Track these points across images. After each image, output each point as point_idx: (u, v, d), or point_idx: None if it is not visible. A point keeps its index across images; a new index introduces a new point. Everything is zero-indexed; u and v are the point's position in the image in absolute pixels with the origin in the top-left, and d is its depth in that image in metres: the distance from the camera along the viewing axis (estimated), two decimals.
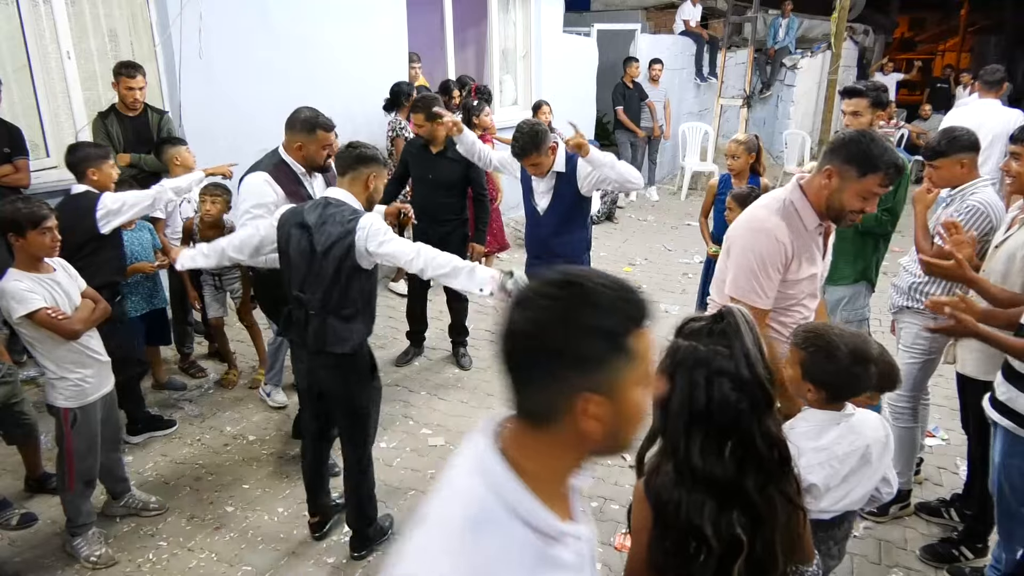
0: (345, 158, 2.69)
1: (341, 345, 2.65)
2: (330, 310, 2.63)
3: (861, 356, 1.79)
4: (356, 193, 2.67)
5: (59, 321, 2.66)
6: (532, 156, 3.42)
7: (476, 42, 7.89)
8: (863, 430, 1.88)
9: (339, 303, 2.62)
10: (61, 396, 2.77)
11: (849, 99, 3.37)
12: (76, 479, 2.82)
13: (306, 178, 3.26)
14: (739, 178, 4.23)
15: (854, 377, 1.80)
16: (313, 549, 2.99)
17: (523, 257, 6.81)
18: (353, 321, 2.66)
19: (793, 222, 2.25)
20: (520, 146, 3.42)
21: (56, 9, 4.37)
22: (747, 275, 2.23)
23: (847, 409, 1.88)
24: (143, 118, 4.32)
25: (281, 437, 3.84)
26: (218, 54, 4.91)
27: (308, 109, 3.17)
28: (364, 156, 2.69)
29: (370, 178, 2.68)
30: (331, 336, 2.64)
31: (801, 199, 2.26)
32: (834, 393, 1.85)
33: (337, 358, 2.68)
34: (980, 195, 2.88)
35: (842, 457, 1.84)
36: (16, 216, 2.61)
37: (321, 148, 3.18)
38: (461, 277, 2.54)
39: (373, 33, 6.08)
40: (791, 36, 10.90)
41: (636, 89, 8.89)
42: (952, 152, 2.92)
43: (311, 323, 2.66)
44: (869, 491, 1.90)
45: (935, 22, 24.63)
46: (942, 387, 3.89)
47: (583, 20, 10.22)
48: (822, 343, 1.81)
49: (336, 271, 2.57)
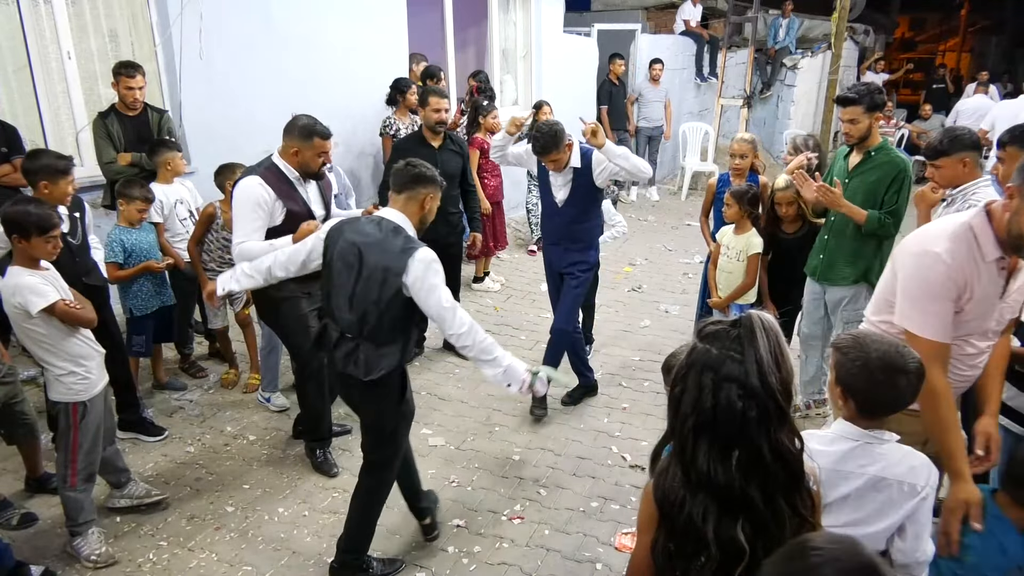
0: (403, 175, 2.59)
1: (368, 372, 2.54)
2: (365, 335, 2.53)
3: (891, 366, 1.69)
4: (411, 214, 2.58)
5: (78, 311, 2.71)
6: (552, 153, 3.66)
7: (476, 42, 7.89)
8: (884, 461, 1.73)
9: (375, 329, 2.52)
10: (70, 391, 2.78)
11: (844, 107, 3.37)
12: (79, 474, 2.83)
13: (300, 184, 3.25)
14: (740, 177, 4.23)
15: (878, 385, 1.70)
16: (313, 549, 2.98)
17: (521, 256, 6.84)
18: (385, 348, 2.55)
19: (967, 248, 2.00)
20: (542, 144, 3.64)
21: (56, 9, 4.37)
22: (912, 303, 2.05)
23: (882, 433, 1.75)
24: (143, 117, 4.32)
25: (281, 437, 3.84)
26: (218, 54, 4.92)
27: (307, 116, 3.19)
28: (424, 176, 2.59)
29: (427, 199, 2.60)
30: (360, 362, 2.54)
31: (983, 224, 2.01)
32: (862, 402, 1.73)
33: (364, 383, 2.57)
34: (982, 194, 2.88)
35: (845, 474, 1.73)
36: (25, 219, 2.61)
37: (317, 156, 3.18)
38: (499, 371, 2.56)
39: (374, 33, 6.08)
40: (791, 36, 10.90)
41: (621, 87, 8.91)
42: (954, 151, 2.93)
43: (342, 345, 2.57)
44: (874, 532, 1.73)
45: (935, 22, 24.61)
46: None
47: (583, 20, 10.22)
48: (853, 345, 1.75)
49: (377, 298, 2.48)
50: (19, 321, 2.69)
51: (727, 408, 1.28)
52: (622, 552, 2.97)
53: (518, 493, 3.37)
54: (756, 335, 1.29)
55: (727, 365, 1.29)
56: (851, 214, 3.38)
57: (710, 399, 1.29)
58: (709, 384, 1.29)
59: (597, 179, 3.78)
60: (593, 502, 3.30)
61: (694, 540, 1.33)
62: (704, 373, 1.30)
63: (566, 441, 3.82)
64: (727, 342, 1.31)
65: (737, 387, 1.28)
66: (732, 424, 1.28)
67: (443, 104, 4.31)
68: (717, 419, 1.29)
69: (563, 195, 3.85)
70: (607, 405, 4.21)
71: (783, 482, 1.32)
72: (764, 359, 1.27)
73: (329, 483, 3.43)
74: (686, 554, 1.35)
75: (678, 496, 1.34)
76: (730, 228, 4.02)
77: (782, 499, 1.32)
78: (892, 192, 3.37)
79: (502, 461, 3.62)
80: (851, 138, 3.42)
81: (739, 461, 1.29)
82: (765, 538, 1.31)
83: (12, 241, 2.65)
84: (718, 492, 1.31)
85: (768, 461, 1.29)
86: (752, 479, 1.30)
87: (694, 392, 1.31)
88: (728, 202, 3.89)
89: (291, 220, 3.19)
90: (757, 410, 1.27)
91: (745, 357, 1.28)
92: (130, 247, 3.82)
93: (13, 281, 2.63)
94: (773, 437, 1.29)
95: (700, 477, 1.31)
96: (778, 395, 1.28)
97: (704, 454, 1.30)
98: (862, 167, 3.46)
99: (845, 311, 3.56)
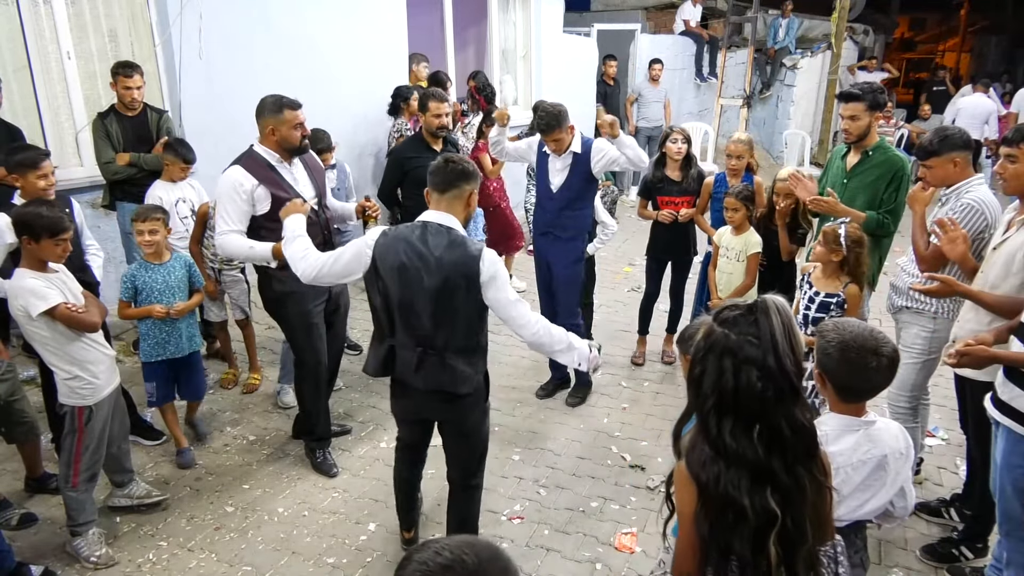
0: (445, 173, 2.43)
1: (464, 385, 2.44)
2: (450, 348, 2.40)
3: (863, 347, 1.78)
4: (457, 213, 2.44)
5: (80, 314, 2.69)
6: (555, 132, 3.74)
7: (476, 42, 7.90)
8: (882, 439, 1.87)
9: (462, 337, 2.41)
10: (75, 395, 2.78)
11: (846, 103, 3.38)
12: (81, 475, 2.83)
13: (281, 165, 3.25)
14: (736, 177, 4.24)
15: (851, 366, 1.79)
16: (313, 550, 2.98)
17: (520, 256, 6.83)
18: (475, 355, 2.46)
19: None
20: (545, 122, 3.72)
21: (56, 9, 4.37)
22: None
23: (868, 416, 1.88)
24: (142, 117, 4.32)
25: (281, 437, 3.84)
26: (218, 54, 4.92)
27: (271, 95, 3.21)
28: (466, 171, 2.45)
29: (471, 195, 2.47)
30: (453, 377, 2.42)
31: None
32: (840, 386, 1.84)
33: (457, 396, 2.47)
34: (975, 193, 2.88)
35: (856, 464, 1.84)
36: (37, 222, 2.61)
37: (293, 128, 3.18)
38: (567, 354, 2.52)
39: (373, 33, 6.08)
40: (791, 36, 10.90)
41: (616, 87, 8.92)
42: (944, 151, 2.93)
43: (426, 363, 2.42)
44: (885, 502, 1.90)
45: (935, 22, 24.61)
46: (941, 387, 3.89)
47: (583, 20, 10.23)
48: (831, 329, 1.85)
49: (456, 305, 2.36)
50: (24, 323, 2.69)
51: (747, 389, 1.37)
52: (622, 552, 2.97)
53: (518, 493, 3.37)
54: (772, 319, 1.37)
55: (746, 348, 1.37)
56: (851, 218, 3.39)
57: (731, 381, 1.37)
58: (729, 367, 1.37)
59: (594, 167, 3.84)
60: (593, 502, 3.30)
61: (734, 510, 1.41)
62: (724, 357, 1.38)
63: (566, 441, 3.82)
64: (745, 327, 1.38)
65: (756, 369, 1.36)
66: (752, 403, 1.38)
67: (443, 109, 4.30)
68: (739, 399, 1.38)
69: (560, 180, 3.90)
70: (607, 405, 4.21)
71: (801, 453, 1.42)
72: (780, 342, 1.36)
73: (329, 483, 3.43)
74: (726, 525, 1.43)
75: (711, 470, 1.42)
76: (727, 229, 4.02)
77: (801, 468, 1.42)
78: (891, 191, 3.38)
79: (502, 461, 3.62)
80: (850, 135, 3.42)
81: (760, 436, 1.39)
82: (790, 504, 1.41)
83: (21, 242, 2.65)
84: (746, 465, 1.40)
85: (787, 435, 1.39)
86: (774, 452, 1.40)
87: (714, 374, 1.40)
88: (735, 206, 3.87)
89: (278, 206, 3.17)
90: (774, 390, 1.36)
91: (762, 341, 1.36)
92: (140, 285, 3.42)
93: (17, 283, 2.64)
94: (790, 413, 1.39)
95: (729, 452, 1.40)
96: (791, 375, 1.37)
97: (729, 431, 1.40)
98: (860, 167, 3.46)
99: None
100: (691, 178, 4.39)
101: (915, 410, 3.16)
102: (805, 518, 1.43)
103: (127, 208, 4.23)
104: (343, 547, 2.99)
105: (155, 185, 4.03)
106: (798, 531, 1.42)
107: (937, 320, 3.02)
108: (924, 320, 3.05)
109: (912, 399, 3.14)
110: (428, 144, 4.36)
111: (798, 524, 1.42)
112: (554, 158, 3.89)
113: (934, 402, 3.53)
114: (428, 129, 4.36)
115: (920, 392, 3.17)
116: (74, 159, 4.64)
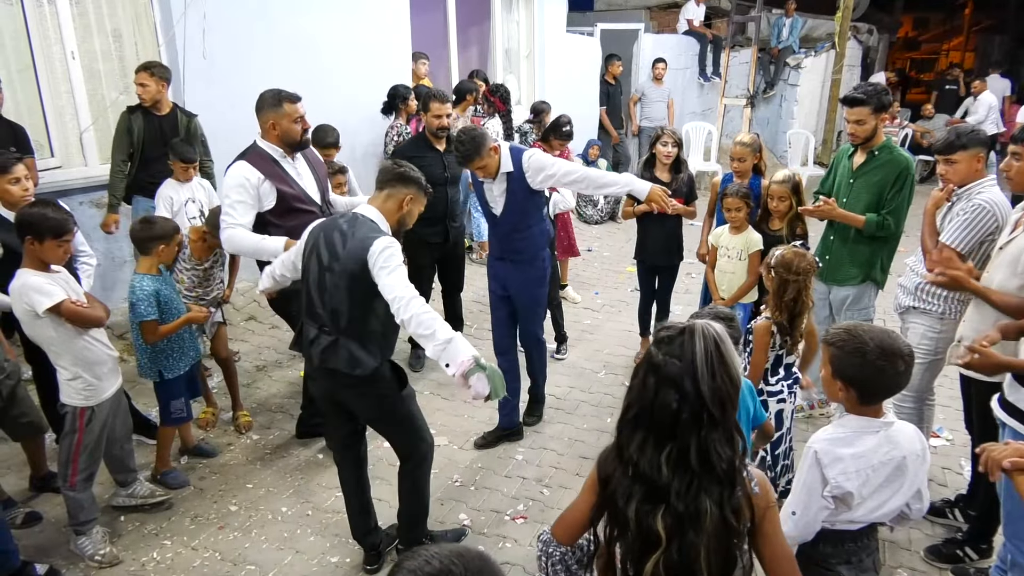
0: (388, 172, 2.59)
1: (358, 368, 2.51)
2: (343, 331, 2.49)
3: (888, 351, 1.78)
4: (388, 212, 2.57)
5: (84, 310, 2.70)
6: (476, 161, 3.35)
7: (479, 42, 7.89)
8: (900, 441, 1.87)
9: (350, 324, 2.48)
10: (77, 396, 2.78)
11: (851, 108, 3.34)
12: (79, 474, 2.83)
13: (285, 160, 3.27)
14: (742, 179, 4.23)
15: (880, 372, 1.78)
16: (317, 548, 2.99)
17: None
18: (370, 341, 2.52)
19: None
20: (463, 154, 3.34)
21: (60, 9, 4.38)
22: None
23: (887, 417, 1.87)
24: (171, 118, 4.33)
25: (284, 437, 3.84)
26: (222, 54, 4.92)
27: (270, 90, 3.23)
28: (406, 176, 2.58)
29: (406, 200, 2.59)
30: (346, 359, 2.50)
31: None
32: (863, 390, 1.84)
33: (355, 379, 2.53)
34: (987, 194, 2.86)
35: (876, 466, 1.84)
36: (42, 223, 2.61)
37: (293, 121, 3.20)
38: (436, 346, 2.32)
39: (377, 33, 6.09)
40: (795, 35, 10.87)
41: (618, 87, 8.91)
42: (972, 146, 2.88)
43: (319, 341, 2.54)
44: (902, 504, 1.90)
45: (939, 21, 24.55)
46: (946, 388, 3.87)
47: (586, 20, 10.21)
48: (848, 338, 1.83)
49: (350, 289, 2.45)
50: (29, 323, 2.69)
51: (663, 408, 1.39)
52: None
53: (521, 493, 3.37)
54: (696, 344, 1.39)
55: (668, 368, 1.40)
56: (850, 222, 3.39)
57: (651, 397, 1.41)
58: (652, 384, 1.41)
59: (532, 183, 3.45)
60: None
61: (619, 519, 1.46)
62: (649, 373, 1.42)
63: (569, 441, 3.82)
64: (672, 347, 1.41)
65: (674, 390, 1.39)
66: (666, 422, 1.40)
67: (444, 110, 4.28)
68: (654, 415, 1.41)
69: (500, 204, 3.54)
70: (610, 405, 4.20)
71: (710, 483, 1.40)
72: (699, 367, 1.37)
73: (333, 482, 3.41)
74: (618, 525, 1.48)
75: (611, 471, 1.48)
76: (725, 229, 4.01)
77: (707, 500, 1.39)
78: (895, 191, 3.36)
79: (505, 461, 3.62)
80: (857, 138, 3.41)
81: (669, 456, 1.41)
82: (682, 532, 1.39)
83: (24, 242, 2.65)
84: (644, 480, 1.42)
85: (692, 461, 1.39)
86: (678, 475, 1.40)
87: (638, 388, 1.44)
88: (737, 205, 3.86)
89: (284, 202, 3.19)
90: (690, 413, 1.38)
91: (683, 363, 1.39)
92: (163, 299, 3.17)
93: (20, 282, 2.64)
94: (704, 440, 1.39)
95: (630, 462, 1.44)
96: (708, 402, 1.37)
97: (637, 442, 1.43)
98: (866, 167, 3.45)
99: (850, 310, 3.56)
100: (680, 181, 4.34)
101: (920, 411, 3.16)
102: (700, 552, 1.38)
103: (143, 203, 4.26)
104: (346, 546, 2.99)
105: (165, 184, 4.03)
106: (684, 563, 1.39)
107: (944, 321, 3.01)
108: (931, 320, 3.04)
109: (918, 400, 3.13)
110: (431, 144, 4.37)
111: (686, 556, 1.39)
112: (489, 183, 3.52)
113: (938, 403, 3.51)
114: (429, 129, 4.36)
115: (926, 393, 3.16)
116: (78, 159, 4.65)
